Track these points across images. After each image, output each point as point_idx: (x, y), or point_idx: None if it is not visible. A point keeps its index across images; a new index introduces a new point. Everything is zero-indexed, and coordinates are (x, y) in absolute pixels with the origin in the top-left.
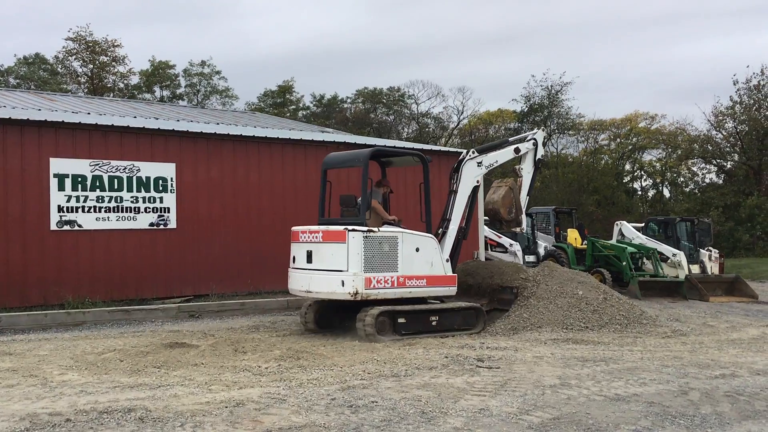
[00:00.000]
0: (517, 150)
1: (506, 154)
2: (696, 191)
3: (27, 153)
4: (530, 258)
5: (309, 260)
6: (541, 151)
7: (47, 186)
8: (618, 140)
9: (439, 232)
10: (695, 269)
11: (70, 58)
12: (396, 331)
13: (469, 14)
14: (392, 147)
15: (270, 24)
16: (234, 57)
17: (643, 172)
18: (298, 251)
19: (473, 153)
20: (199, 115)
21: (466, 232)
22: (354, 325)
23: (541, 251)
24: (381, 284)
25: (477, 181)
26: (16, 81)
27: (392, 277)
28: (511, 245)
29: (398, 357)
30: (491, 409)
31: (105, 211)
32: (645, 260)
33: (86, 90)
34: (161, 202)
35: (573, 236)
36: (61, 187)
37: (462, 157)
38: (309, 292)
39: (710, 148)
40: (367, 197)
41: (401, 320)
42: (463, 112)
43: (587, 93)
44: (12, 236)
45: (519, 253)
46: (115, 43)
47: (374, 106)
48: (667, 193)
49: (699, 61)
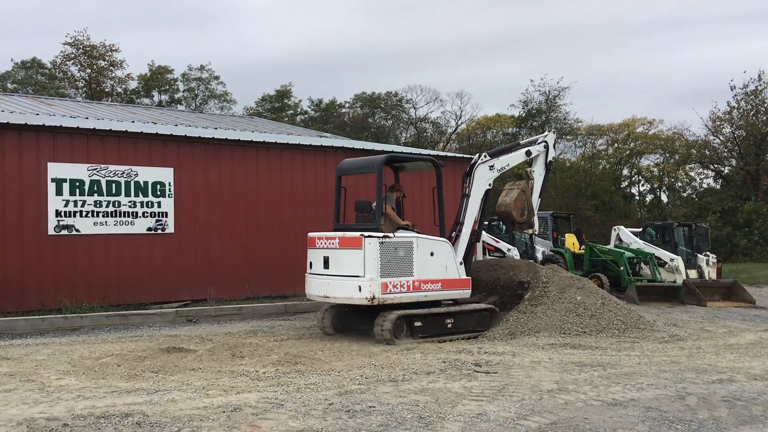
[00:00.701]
0: (529, 153)
1: (518, 157)
2: (693, 196)
3: (25, 158)
4: None
5: (326, 266)
6: (553, 153)
7: (45, 190)
8: (616, 145)
9: (453, 236)
10: (693, 274)
11: (68, 63)
12: (412, 335)
13: (467, 19)
14: (405, 153)
15: (268, 29)
16: (232, 62)
17: (641, 177)
18: (315, 257)
19: (485, 157)
20: (198, 120)
21: (479, 235)
22: (370, 329)
23: (539, 256)
24: (397, 289)
25: (489, 185)
26: (13, 86)
27: (408, 282)
28: (509, 250)
29: (396, 362)
30: (489, 414)
31: (103, 216)
32: (643, 265)
33: (84, 95)
34: (159, 207)
35: (571, 241)
36: (59, 192)
37: (474, 161)
38: (327, 298)
39: (708, 153)
40: (382, 203)
41: (417, 324)
42: (461, 117)
43: (585, 98)
44: (10, 241)
45: (517, 258)
46: (113, 48)
47: (372, 111)
48: (665, 198)
49: (696, 67)
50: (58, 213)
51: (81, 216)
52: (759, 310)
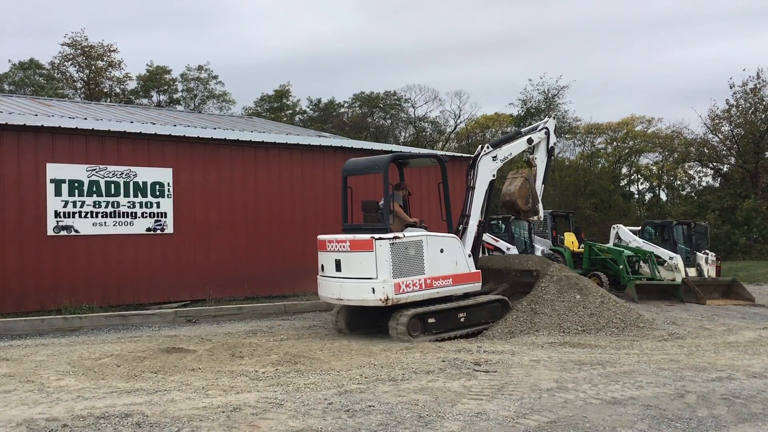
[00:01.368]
0: (530, 140)
1: (520, 146)
2: (693, 194)
3: (24, 158)
4: None
5: (338, 269)
6: (554, 139)
7: (44, 191)
8: (615, 144)
9: (460, 229)
10: (692, 272)
11: (66, 64)
12: (427, 331)
13: (466, 19)
14: (408, 153)
15: (267, 29)
16: (231, 62)
17: (640, 176)
18: (327, 260)
19: (488, 148)
20: (196, 120)
21: (486, 226)
22: (384, 326)
23: (538, 254)
24: (410, 288)
25: (493, 175)
26: (11, 87)
27: (420, 280)
28: (508, 249)
29: (395, 361)
30: (488, 413)
31: (102, 216)
32: (642, 263)
33: (83, 95)
34: (158, 207)
35: (570, 240)
36: (58, 193)
37: (477, 153)
38: (341, 300)
39: (707, 152)
40: (389, 202)
41: (431, 320)
42: (460, 116)
43: (584, 96)
44: (9, 241)
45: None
46: (111, 48)
47: (371, 111)
48: (664, 197)
49: (695, 65)
50: (57, 214)
51: (80, 216)
52: (758, 308)
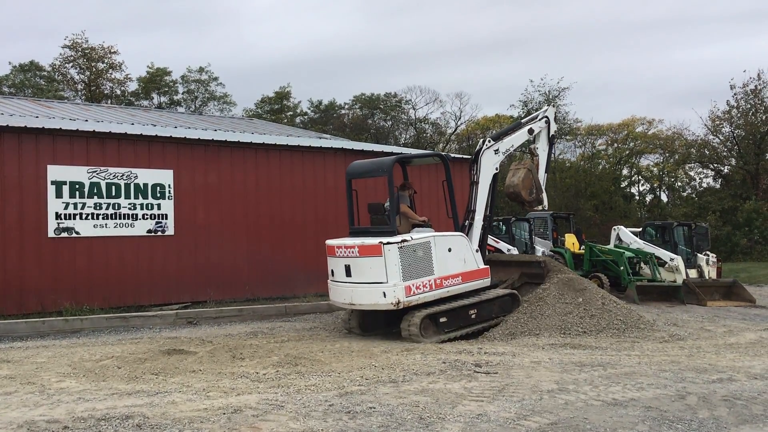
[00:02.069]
0: (531, 131)
1: (521, 137)
2: (693, 196)
3: (24, 160)
4: None
5: (348, 274)
6: (554, 127)
7: (45, 193)
8: (615, 145)
9: (466, 224)
10: (693, 274)
11: (67, 66)
12: (439, 330)
13: (466, 20)
14: (412, 153)
15: (268, 31)
16: (232, 63)
17: (641, 177)
18: (336, 265)
19: (489, 141)
20: (197, 122)
21: (492, 220)
22: (396, 327)
23: (539, 255)
24: (420, 289)
25: (496, 168)
26: (12, 90)
27: (430, 281)
28: (509, 250)
29: (396, 363)
30: (489, 415)
31: (103, 218)
32: (642, 265)
33: (83, 97)
34: (159, 209)
35: (570, 241)
36: (59, 194)
37: (479, 148)
38: (353, 305)
39: (707, 153)
40: (395, 203)
41: (443, 319)
42: (461, 118)
43: (584, 98)
44: (9, 243)
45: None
46: (112, 50)
47: (372, 112)
48: (665, 198)
49: (696, 66)
50: (58, 215)
51: (81, 218)
52: (759, 309)
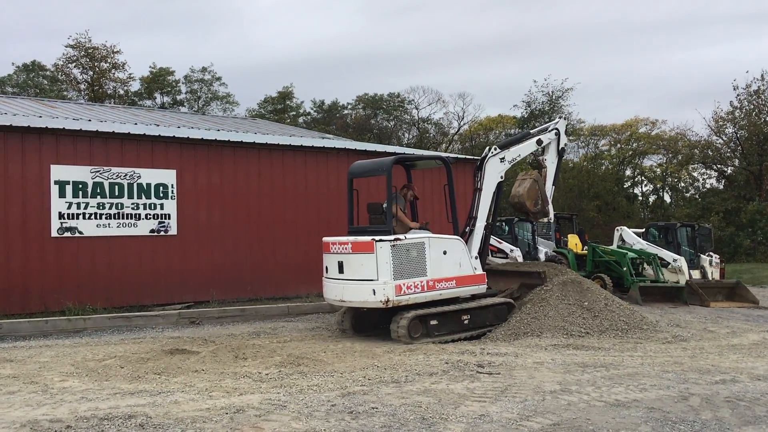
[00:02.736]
0: (540, 141)
1: (529, 147)
2: (696, 196)
3: (28, 160)
4: None
5: (341, 270)
6: (564, 140)
7: (48, 193)
8: (618, 146)
9: (467, 231)
10: (696, 275)
11: (70, 65)
12: (429, 334)
13: (470, 20)
14: (414, 154)
15: (271, 30)
16: (235, 63)
17: (644, 178)
18: (330, 262)
19: (495, 149)
20: (200, 122)
21: (493, 228)
22: (387, 328)
23: (542, 257)
24: (411, 290)
25: (501, 177)
26: (15, 90)
27: (422, 282)
28: (512, 251)
29: (398, 363)
30: (491, 415)
31: (106, 218)
32: (646, 266)
33: (86, 97)
34: (162, 209)
35: (573, 242)
36: (62, 194)
37: (484, 155)
38: (343, 302)
39: (711, 154)
40: (392, 204)
41: (433, 322)
42: (464, 118)
43: (587, 99)
44: (13, 243)
45: (520, 259)
46: (115, 50)
47: (375, 112)
48: (668, 199)
49: (699, 67)
50: (61, 215)
51: (84, 218)
52: (762, 311)
